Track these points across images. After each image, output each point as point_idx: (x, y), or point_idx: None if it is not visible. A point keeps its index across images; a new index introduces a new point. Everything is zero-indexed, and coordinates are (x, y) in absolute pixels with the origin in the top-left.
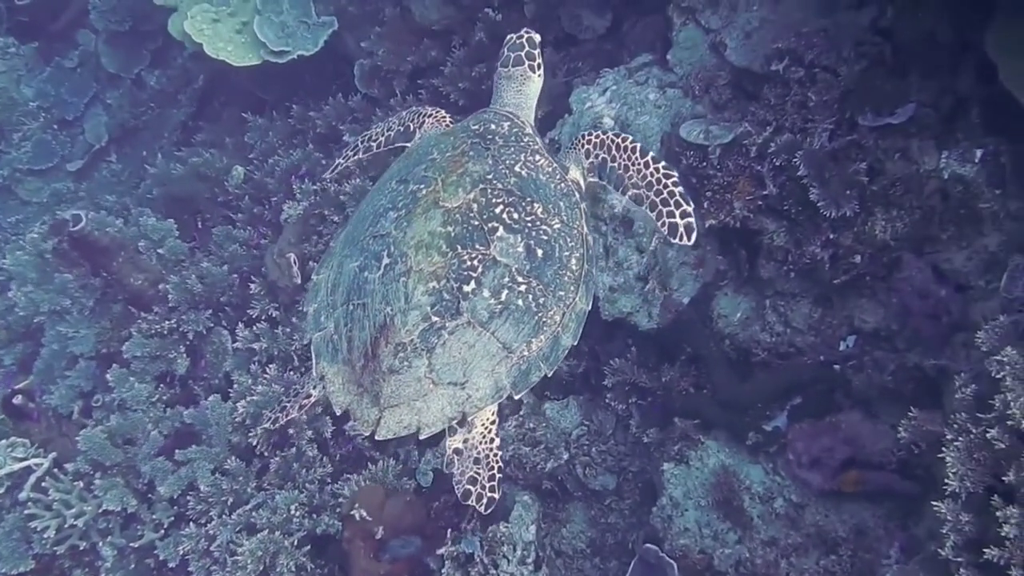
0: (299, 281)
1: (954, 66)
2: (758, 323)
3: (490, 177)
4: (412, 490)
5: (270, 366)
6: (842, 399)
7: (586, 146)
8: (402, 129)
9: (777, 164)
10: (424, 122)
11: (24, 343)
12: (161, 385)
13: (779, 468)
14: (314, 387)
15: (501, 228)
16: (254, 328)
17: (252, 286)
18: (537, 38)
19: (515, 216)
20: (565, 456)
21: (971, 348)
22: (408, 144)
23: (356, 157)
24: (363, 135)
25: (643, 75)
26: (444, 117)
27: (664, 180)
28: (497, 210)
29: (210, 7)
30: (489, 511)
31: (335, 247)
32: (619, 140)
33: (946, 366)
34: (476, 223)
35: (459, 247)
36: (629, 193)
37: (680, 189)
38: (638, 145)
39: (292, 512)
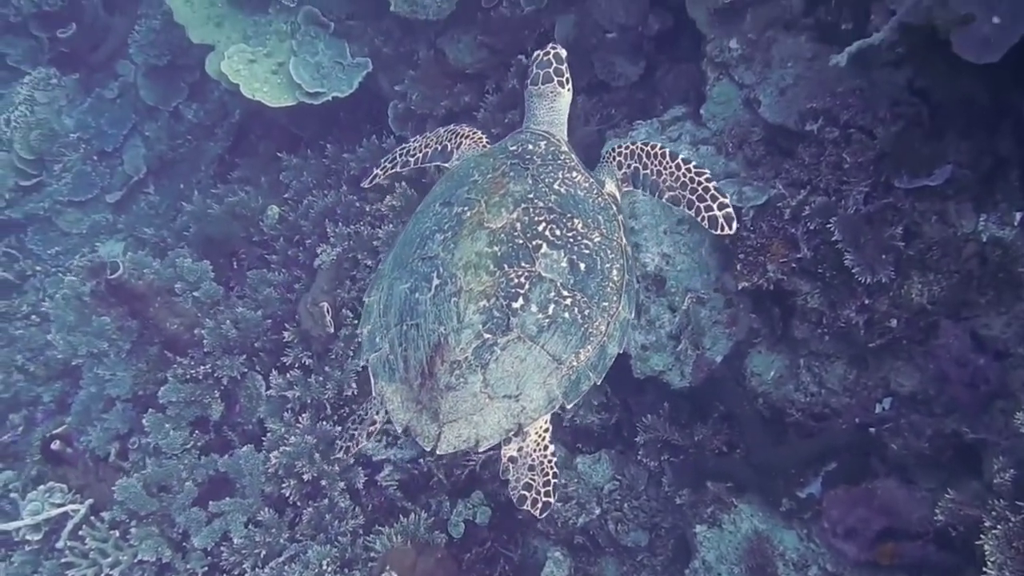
0: (332, 330)
1: (992, 127)
2: (792, 382)
3: (531, 196)
4: (443, 544)
5: (303, 415)
6: (878, 464)
7: (618, 158)
8: (439, 148)
9: (811, 227)
10: (461, 143)
11: (62, 381)
12: (196, 431)
13: (814, 535)
14: (378, 412)
15: (545, 245)
16: (288, 376)
17: (286, 333)
18: (564, 53)
19: (557, 232)
20: (597, 511)
21: (1010, 416)
22: (445, 164)
23: (393, 171)
24: (401, 148)
25: (676, 130)
26: (481, 138)
27: (697, 178)
28: (540, 228)
29: (247, 48)
30: (544, 515)
31: (384, 269)
32: (648, 148)
33: (984, 439)
34: (520, 242)
35: (506, 266)
36: (666, 196)
37: (714, 184)
38: (667, 150)
39: (324, 567)
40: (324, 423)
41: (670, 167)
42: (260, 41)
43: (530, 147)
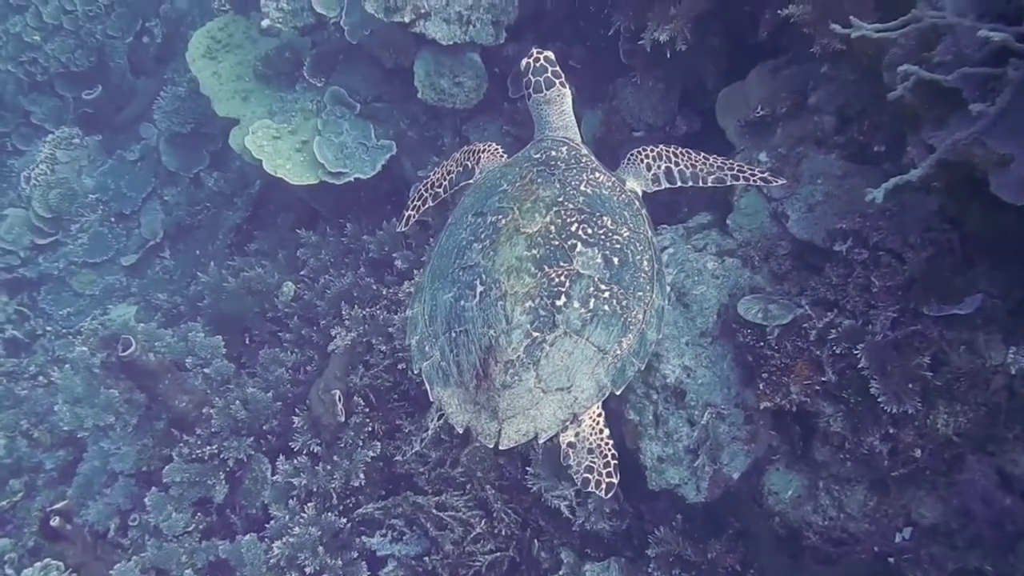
0: (343, 419)
1: None
2: (810, 504)
3: (561, 199)
4: None
5: (308, 504)
6: None
7: (646, 160)
8: (461, 170)
9: (837, 351)
10: (480, 158)
11: (66, 449)
12: (198, 513)
13: None
14: (432, 420)
15: (579, 244)
16: (295, 462)
17: (296, 419)
18: (551, 55)
19: (589, 231)
20: None
21: None
22: (469, 181)
23: (426, 208)
24: (425, 183)
25: (701, 239)
26: (497, 149)
27: (728, 162)
28: (572, 228)
29: (272, 124)
30: (610, 495)
31: (423, 282)
32: (672, 149)
33: None
34: (556, 243)
35: (545, 267)
36: (711, 179)
37: (743, 163)
38: (687, 149)
39: None
40: (329, 514)
41: (699, 159)
42: (285, 118)
43: (553, 153)
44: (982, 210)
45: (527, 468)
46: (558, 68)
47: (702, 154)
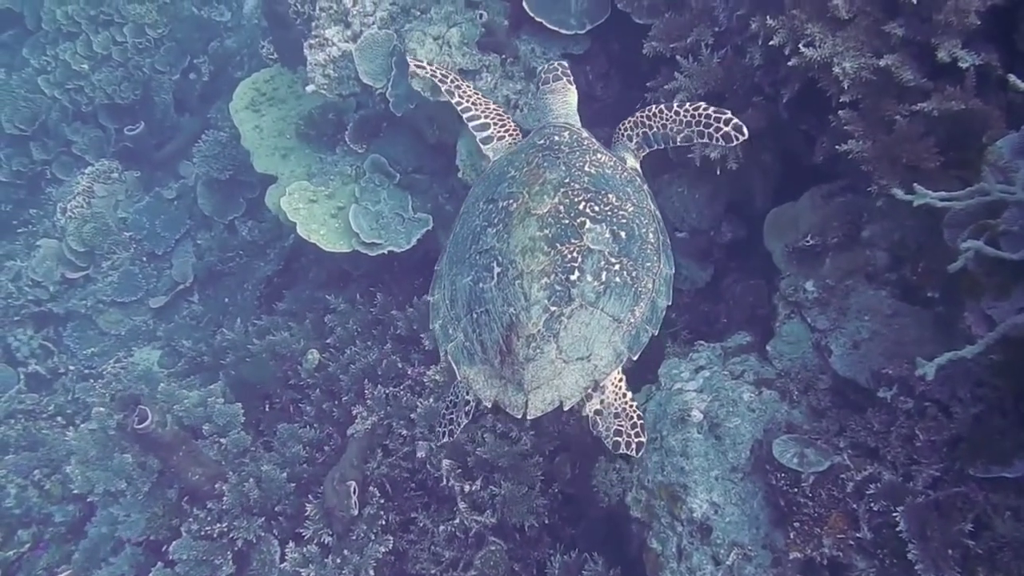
0: (356, 512)
1: None
2: None
3: (567, 181)
4: None
5: None
6: None
7: (627, 132)
8: (483, 124)
9: (875, 508)
10: (505, 138)
11: (76, 504)
12: None
13: None
14: (468, 393)
15: (588, 221)
16: (304, 551)
17: (308, 507)
18: (566, 63)
19: (596, 208)
20: None
21: None
22: (479, 138)
23: (443, 83)
24: (467, 88)
25: (739, 364)
26: (518, 136)
27: (694, 113)
28: (580, 207)
29: (309, 186)
30: (640, 453)
31: (441, 270)
32: (647, 111)
33: None
34: (566, 222)
35: (558, 244)
36: (679, 139)
37: (711, 109)
38: (660, 106)
39: None
40: None
41: (670, 116)
42: (323, 181)
43: (556, 138)
44: None
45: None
46: (568, 72)
47: (675, 108)
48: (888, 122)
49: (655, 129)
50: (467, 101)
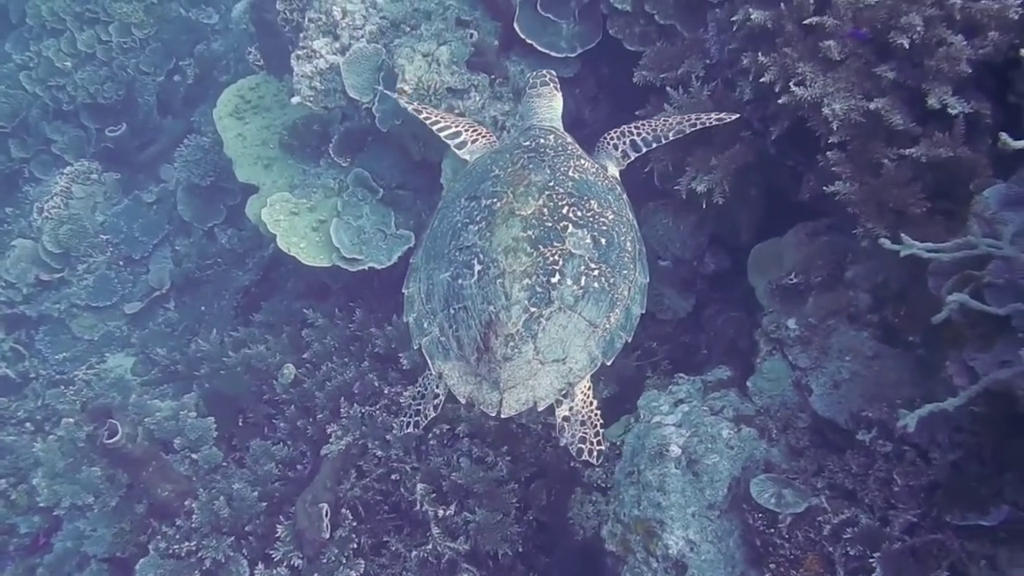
0: (327, 536)
1: None
2: None
3: (552, 184)
4: None
5: None
6: None
7: (612, 141)
8: (455, 132)
9: (851, 552)
10: (478, 140)
11: (42, 515)
12: None
13: None
14: (437, 386)
15: (570, 225)
16: (273, 573)
17: (279, 528)
18: (554, 72)
19: (579, 214)
20: None
21: None
22: (454, 147)
23: (413, 107)
24: (430, 113)
25: (719, 399)
26: (494, 140)
27: (688, 117)
28: (564, 211)
29: (291, 198)
30: (600, 461)
31: (417, 263)
32: (631, 126)
33: None
34: (550, 224)
35: (540, 247)
36: (672, 135)
37: (692, 115)
38: (643, 120)
39: None
40: None
41: (659, 122)
42: (305, 193)
43: (541, 141)
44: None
45: None
46: (556, 80)
47: (662, 117)
48: (876, 165)
49: (644, 133)
50: (436, 116)
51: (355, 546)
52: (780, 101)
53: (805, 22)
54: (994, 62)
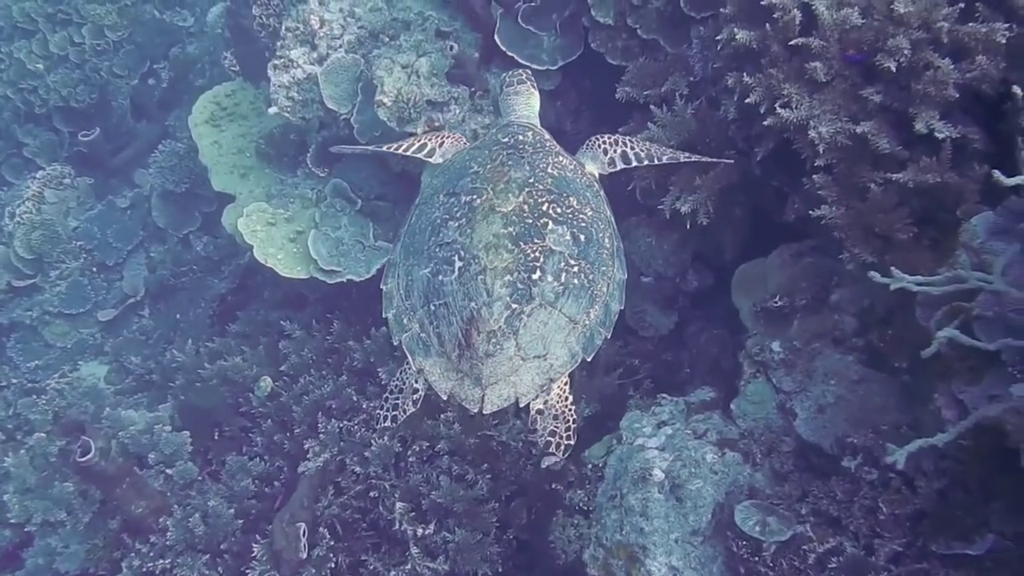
0: (304, 555)
1: None
2: None
3: (531, 181)
4: None
5: None
6: None
7: (603, 146)
8: (420, 146)
9: None
10: (444, 142)
11: (12, 529)
12: None
13: None
14: (416, 381)
15: (550, 222)
16: None
17: (255, 547)
18: (530, 71)
19: (558, 210)
20: None
21: None
22: (428, 159)
23: (373, 149)
24: (389, 145)
25: (702, 421)
26: (460, 138)
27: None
28: (544, 208)
29: (268, 208)
30: (566, 456)
31: (395, 259)
32: (626, 138)
33: None
34: (530, 221)
35: (521, 243)
36: (664, 158)
37: (694, 155)
38: (644, 140)
39: None
40: None
41: (653, 147)
42: (282, 203)
43: (520, 137)
44: (1012, 480)
45: None
46: (533, 78)
47: (654, 146)
48: (862, 189)
49: (637, 150)
50: (398, 144)
51: (332, 565)
52: (765, 123)
53: (791, 43)
54: (982, 91)
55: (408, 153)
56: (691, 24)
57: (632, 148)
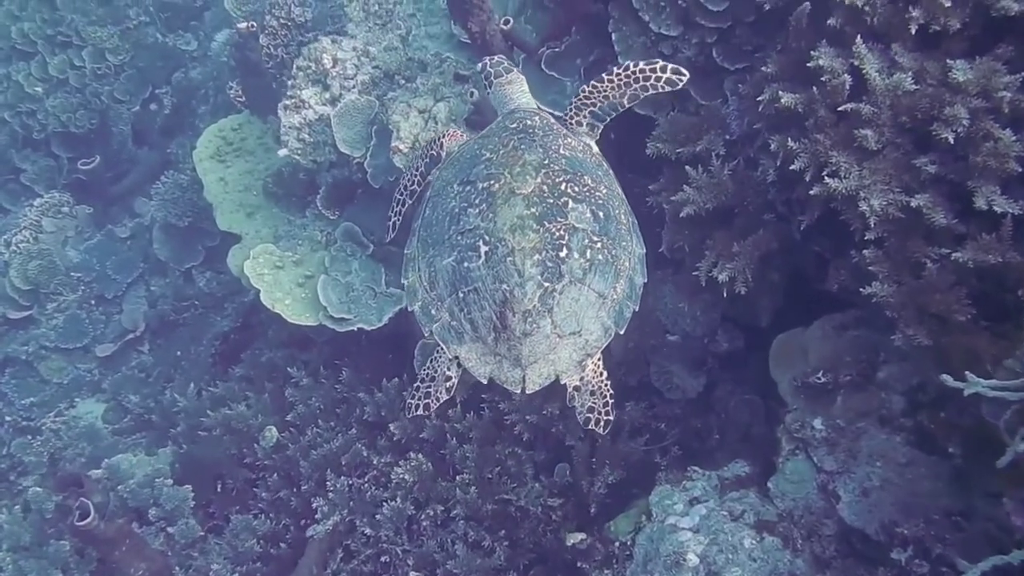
0: None
1: None
2: None
3: (546, 162)
4: None
5: None
6: None
7: (575, 119)
8: (429, 160)
9: None
10: (443, 143)
11: None
12: None
13: None
14: (449, 368)
15: (570, 201)
16: None
17: None
18: (502, 56)
19: (576, 189)
20: None
21: None
22: (424, 174)
23: (406, 207)
24: (399, 188)
25: (737, 501)
26: (456, 132)
27: (628, 73)
28: (562, 187)
29: (275, 251)
30: (607, 431)
31: (413, 252)
32: (582, 92)
33: None
34: (551, 201)
35: (546, 223)
36: (626, 101)
37: (642, 63)
38: (592, 82)
39: None
40: None
41: (606, 85)
42: (291, 245)
43: (528, 122)
44: None
45: None
46: (509, 61)
47: (609, 77)
48: (916, 265)
49: (599, 103)
50: (412, 179)
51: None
52: (812, 191)
53: (840, 108)
54: None
55: (424, 178)
56: (724, 75)
57: (594, 103)
